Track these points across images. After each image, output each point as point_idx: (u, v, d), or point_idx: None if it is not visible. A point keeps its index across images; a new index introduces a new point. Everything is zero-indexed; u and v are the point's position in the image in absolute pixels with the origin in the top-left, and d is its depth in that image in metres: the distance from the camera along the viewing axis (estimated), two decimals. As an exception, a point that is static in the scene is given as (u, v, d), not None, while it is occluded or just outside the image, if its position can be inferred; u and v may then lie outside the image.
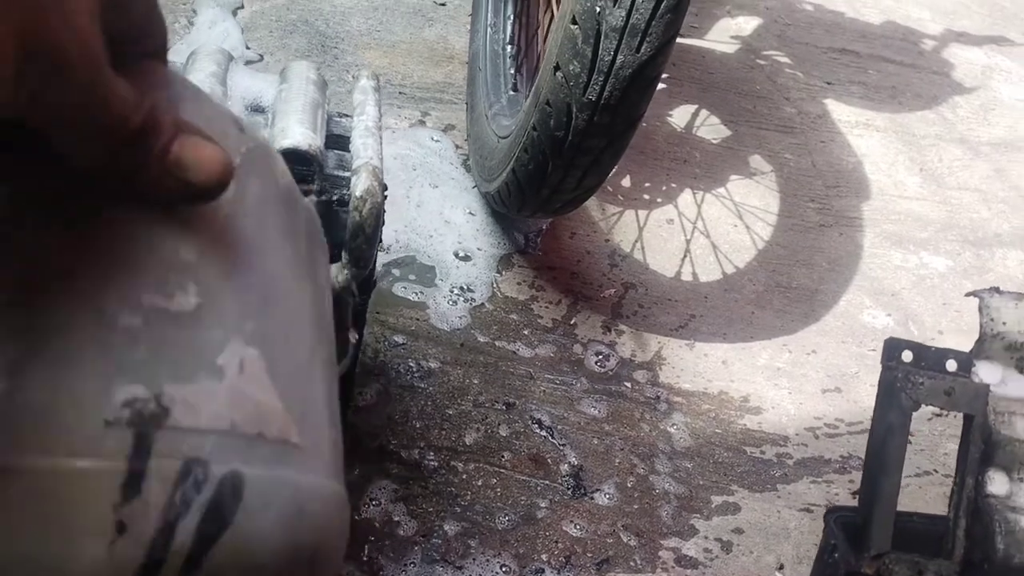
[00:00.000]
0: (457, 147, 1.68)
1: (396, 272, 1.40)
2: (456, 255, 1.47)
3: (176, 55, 1.68)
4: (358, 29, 1.94)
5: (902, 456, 0.73)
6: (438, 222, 1.52)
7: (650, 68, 1.07)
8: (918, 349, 0.77)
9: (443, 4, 2.12)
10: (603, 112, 1.09)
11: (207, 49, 1.01)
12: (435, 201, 1.56)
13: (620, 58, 1.05)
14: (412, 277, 1.40)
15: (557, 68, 1.09)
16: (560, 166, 1.17)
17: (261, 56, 1.77)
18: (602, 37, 1.04)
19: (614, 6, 1.02)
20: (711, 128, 2.01)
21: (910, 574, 0.69)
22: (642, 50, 1.05)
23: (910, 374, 0.75)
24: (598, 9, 1.03)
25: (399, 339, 1.29)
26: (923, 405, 0.74)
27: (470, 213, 1.55)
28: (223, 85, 0.96)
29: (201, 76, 0.95)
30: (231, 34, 1.82)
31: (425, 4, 2.10)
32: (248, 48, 1.79)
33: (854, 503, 0.89)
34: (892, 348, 0.77)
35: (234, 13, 1.88)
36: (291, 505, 0.37)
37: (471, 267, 1.46)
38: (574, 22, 1.05)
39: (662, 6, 1.02)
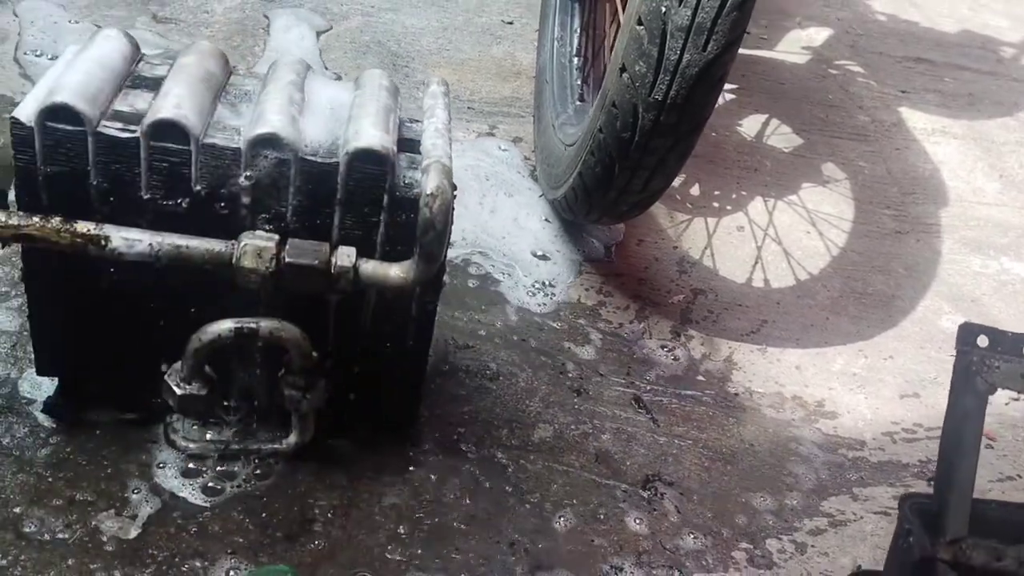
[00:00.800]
0: (526, 158, 1.70)
1: (467, 275, 1.43)
2: (534, 254, 1.49)
3: (261, 67, 1.75)
4: (428, 48, 1.99)
5: (978, 441, 0.71)
6: (512, 227, 1.54)
7: (716, 67, 1.07)
8: (994, 333, 0.75)
9: (510, 23, 2.16)
10: (669, 112, 1.10)
11: (286, 60, 1.05)
12: (509, 208, 1.58)
13: (686, 57, 1.06)
14: (480, 282, 1.42)
15: (623, 70, 1.11)
16: (627, 168, 1.18)
17: (338, 76, 1.83)
18: (668, 37, 1.05)
19: (680, 5, 1.03)
20: (782, 137, 2.00)
21: (988, 559, 0.67)
22: (708, 48, 1.06)
23: (986, 358, 0.73)
24: (663, 9, 1.04)
25: (469, 341, 1.31)
26: (999, 388, 0.72)
27: (546, 220, 1.57)
28: (301, 92, 1.00)
29: (281, 84, 0.99)
30: (306, 37, 1.90)
31: (493, 23, 2.15)
32: (326, 69, 1.85)
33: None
34: (967, 333, 0.75)
35: (318, 35, 1.95)
36: None
37: (551, 265, 1.48)
38: (640, 23, 1.07)
39: (728, 4, 1.03)
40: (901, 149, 2.01)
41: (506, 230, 1.54)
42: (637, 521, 1.12)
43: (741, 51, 2.43)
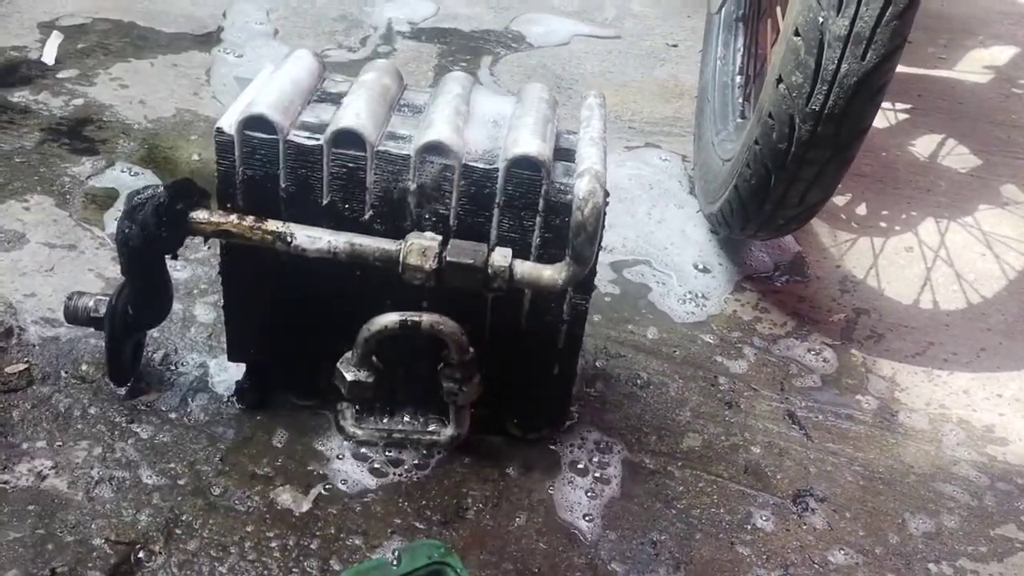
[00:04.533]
0: (688, 175, 1.72)
1: (624, 283, 1.46)
2: (695, 266, 1.51)
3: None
4: (592, 71, 2.05)
5: None
6: (678, 238, 1.57)
7: (876, 77, 1.07)
8: None
9: (675, 46, 2.19)
10: (827, 122, 1.10)
11: (455, 75, 1.13)
12: (678, 219, 1.61)
13: (844, 67, 1.06)
14: (637, 291, 1.45)
15: (780, 81, 1.11)
16: (783, 179, 1.19)
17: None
18: (825, 47, 1.06)
19: (837, 15, 1.04)
20: (959, 157, 1.92)
21: None
22: (867, 58, 1.05)
23: None
24: (821, 19, 1.05)
25: (621, 350, 1.34)
26: None
27: (713, 232, 1.59)
28: (467, 104, 1.07)
29: (448, 97, 1.07)
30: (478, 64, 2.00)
31: (657, 46, 2.18)
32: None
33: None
34: None
35: (491, 62, 2.05)
36: None
37: (709, 278, 1.49)
38: (796, 34, 1.07)
39: (888, 13, 1.02)
40: (1094, 170, 1.89)
41: (671, 240, 1.56)
42: (785, 533, 1.11)
43: (918, 71, 2.35)
